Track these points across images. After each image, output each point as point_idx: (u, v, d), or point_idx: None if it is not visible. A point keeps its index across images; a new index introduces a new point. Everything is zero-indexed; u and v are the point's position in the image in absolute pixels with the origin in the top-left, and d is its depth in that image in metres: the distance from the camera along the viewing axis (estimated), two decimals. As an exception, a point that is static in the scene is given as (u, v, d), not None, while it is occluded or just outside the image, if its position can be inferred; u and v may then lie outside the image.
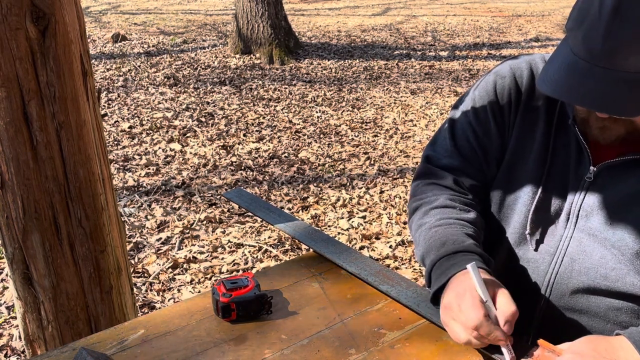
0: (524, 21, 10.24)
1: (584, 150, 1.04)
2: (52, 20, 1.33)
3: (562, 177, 1.07)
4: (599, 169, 1.03)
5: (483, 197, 1.16)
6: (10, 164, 1.38)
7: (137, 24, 9.76)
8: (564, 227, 1.07)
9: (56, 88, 1.37)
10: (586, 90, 0.86)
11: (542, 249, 1.09)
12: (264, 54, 7.13)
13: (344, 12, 11.22)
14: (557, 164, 1.07)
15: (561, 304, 1.07)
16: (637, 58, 0.82)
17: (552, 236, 1.08)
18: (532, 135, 1.10)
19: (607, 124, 0.96)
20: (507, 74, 1.12)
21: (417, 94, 5.84)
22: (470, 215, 1.10)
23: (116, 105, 5.39)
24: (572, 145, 1.06)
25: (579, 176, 1.05)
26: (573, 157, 1.06)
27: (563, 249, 1.06)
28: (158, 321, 1.06)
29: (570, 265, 1.05)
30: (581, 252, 1.04)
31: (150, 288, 2.67)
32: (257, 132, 4.74)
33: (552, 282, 1.07)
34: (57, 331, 1.56)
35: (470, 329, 0.89)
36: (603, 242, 1.02)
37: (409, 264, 2.85)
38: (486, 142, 1.13)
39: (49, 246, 1.46)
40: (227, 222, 3.27)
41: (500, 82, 1.12)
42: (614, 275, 1.02)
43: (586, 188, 1.04)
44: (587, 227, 1.04)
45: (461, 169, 1.16)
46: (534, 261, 1.09)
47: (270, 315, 1.07)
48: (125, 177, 3.86)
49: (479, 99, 1.15)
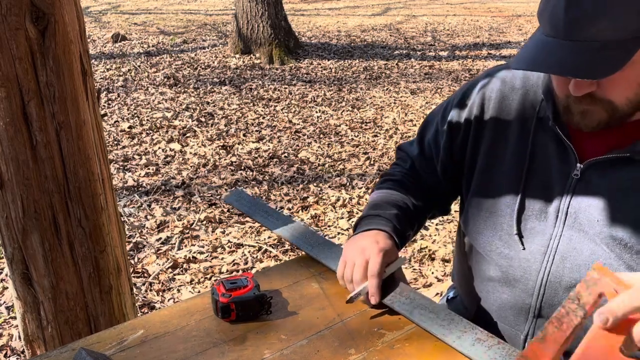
0: (524, 21, 10.24)
1: (568, 148, 1.05)
2: (51, 20, 1.33)
3: (544, 177, 1.08)
4: (585, 166, 1.04)
5: (431, 181, 1.30)
6: (10, 164, 1.38)
7: (137, 24, 9.76)
8: (553, 225, 1.07)
9: (56, 88, 1.37)
10: (554, 59, 0.90)
11: (532, 249, 1.09)
12: (264, 54, 7.13)
13: (344, 12, 11.22)
14: (537, 164, 1.09)
15: (555, 302, 1.08)
16: (599, 28, 0.86)
17: (541, 235, 1.08)
18: (504, 142, 1.13)
19: (587, 108, 0.97)
20: (479, 86, 1.20)
21: (417, 94, 5.84)
22: (410, 191, 1.28)
23: (116, 105, 5.39)
24: (551, 145, 1.08)
25: (565, 174, 1.06)
26: (554, 157, 1.07)
27: (553, 247, 1.07)
28: (157, 321, 1.06)
29: (562, 263, 1.06)
30: (572, 249, 1.05)
31: (150, 288, 2.67)
32: (257, 132, 4.74)
33: (545, 281, 1.08)
34: (57, 331, 1.56)
35: (361, 261, 1.08)
36: (593, 239, 1.03)
37: (409, 264, 2.85)
38: (440, 142, 1.25)
39: (49, 246, 1.46)
40: (227, 222, 3.28)
41: (470, 93, 1.20)
42: None
43: (574, 185, 1.05)
44: (576, 224, 1.05)
45: (418, 157, 1.32)
46: (526, 261, 1.10)
47: (270, 315, 1.07)
48: (125, 177, 3.86)
49: (449, 104, 1.25)
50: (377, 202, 1.25)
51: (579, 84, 0.93)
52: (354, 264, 1.10)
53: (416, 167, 1.32)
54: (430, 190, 1.31)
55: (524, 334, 1.13)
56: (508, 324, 1.15)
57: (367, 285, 1.06)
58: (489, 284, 1.17)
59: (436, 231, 3.15)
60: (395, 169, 1.36)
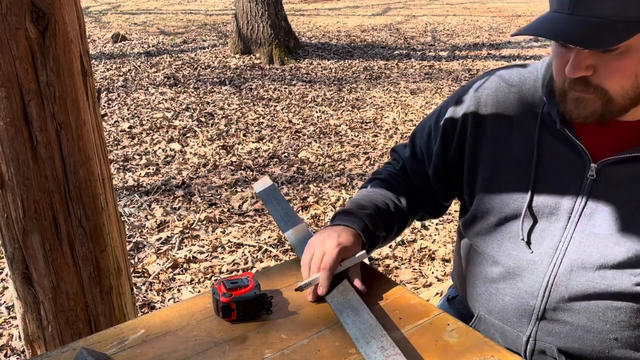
0: (524, 21, 10.24)
1: (579, 149, 1.04)
2: (51, 20, 1.33)
3: (555, 179, 1.07)
4: (599, 166, 1.03)
5: (420, 184, 1.30)
6: (10, 164, 1.38)
7: (137, 24, 9.76)
8: (563, 227, 1.06)
9: (56, 88, 1.37)
10: (558, 27, 0.92)
11: (540, 251, 1.08)
12: (263, 54, 7.13)
13: (344, 12, 11.23)
14: (545, 167, 1.08)
15: (560, 305, 1.07)
16: (604, 6, 0.89)
17: (551, 237, 1.08)
18: (507, 145, 1.13)
19: (581, 95, 0.97)
20: (473, 88, 1.19)
21: (417, 94, 5.84)
22: (396, 191, 1.29)
23: (116, 105, 5.39)
24: (559, 147, 1.07)
25: (579, 175, 1.05)
26: (564, 158, 1.06)
27: (562, 250, 1.06)
28: (158, 321, 1.06)
29: (570, 267, 1.05)
30: (581, 252, 1.04)
31: (150, 288, 2.67)
32: (257, 132, 4.74)
33: (551, 283, 1.07)
34: (57, 331, 1.56)
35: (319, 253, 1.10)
36: (604, 242, 1.02)
37: (409, 264, 2.85)
38: (433, 147, 1.25)
39: (49, 246, 1.46)
40: (227, 222, 3.28)
41: (464, 96, 1.20)
42: (613, 275, 1.02)
43: (589, 187, 1.04)
44: (589, 227, 1.04)
45: (409, 159, 1.32)
46: (533, 263, 1.09)
47: (270, 315, 1.07)
48: (125, 177, 3.86)
49: (442, 109, 1.24)
50: (357, 199, 1.25)
51: (576, 64, 0.94)
52: (312, 254, 1.12)
53: (407, 169, 1.32)
54: (419, 192, 1.31)
55: (526, 336, 1.12)
56: (510, 325, 1.14)
57: (319, 276, 1.09)
58: (491, 286, 1.16)
59: (436, 231, 3.15)
60: (386, 168, 1.37)
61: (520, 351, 1.13)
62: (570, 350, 1.09)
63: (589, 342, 1.07)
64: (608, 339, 1.06)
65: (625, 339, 1.06)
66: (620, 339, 1.06)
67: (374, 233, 1.19)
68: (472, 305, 1.24)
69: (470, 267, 1.23)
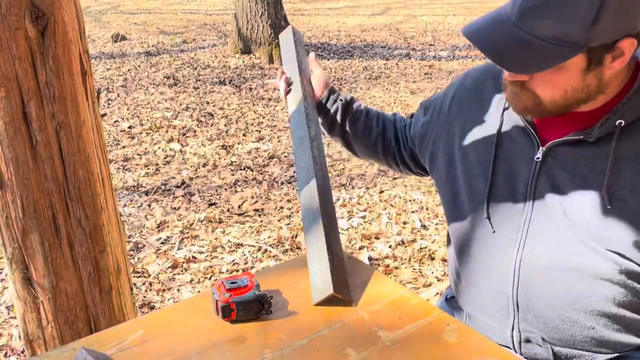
0: (523, 21, 10.22)
1: (530, 134, 1.08)
2: (51, 20, 1.33)
3: (511, 162, 1.11)
4: (546, 149, 1.06)
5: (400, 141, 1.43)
6: (10, 163, 1.38)
7: (137, 24, 9.77)
8: (522, 210, 1.08)
9: (55, 88, 1.37)
10: (497, 39, 0.94)
11: (504, 234, 1.10)
12: (263, 53, 7.13)
13: (344, 12, 11.23)
14: (504, 151, 1.12)
15: (530, 289, 1.08)
16: (543, 24, 0.90)
17: (511, 220, 1.10)
18: (480, 127, 1.18)
19: (516, 91, 1.02)
20: (462, 75, 1.29)
21: (417, 94, 5.84)
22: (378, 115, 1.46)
23: (116, 105, 5.39)
24: (515, 131, 1.11)
25: (529, 159, 1.08)
26: (519, 142, 1.10)
27: (524, 231, 1.08)
28: (158, 321, 1.06)
29: (533, 248, 1.07)
30: (541, 232, 1.06)
31: (149, 288, 2.67)
32: (256, 131, 4.74)
33: (518, 266, 1.08)
34: (57, 331, 1.55)
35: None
36: (560, 222, 1.04)
37: (409, 264, 2.85)
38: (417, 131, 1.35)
39: (49, 246, 1.46)
40: (227, 222, 3.28)
41: (454, 81, 1.30)
42: (574, 255, 1.03)
43: (538, 169, 1.07)
44: (543, 207, 1.06)
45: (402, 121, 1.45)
46: (498, 247, 1.11)
47: (270, 315, 1.07)
48: (124, 177, 3.86)
49: (440, 92, 1.35)
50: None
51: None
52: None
53: (397, 125, 1.44)
54: (393, 142, 1.43)
55: (509, 329, 1.13)
56: (494, 319, 1.16)
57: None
58: (470, 278, 1.19)
59: (436, 231, 3.15)
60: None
61: (509, 344, 1.14)
62: (553, 340, 1.11)
63: (568, 331, 1.08)
64: (586, 327, 1.07)
65: (603, 326, 1.06)
66: (597, 327, 1.06)
67: (337, 97, 1.42)
68: (461, 305, 1.26)
69: (454, 266, 1.26)
